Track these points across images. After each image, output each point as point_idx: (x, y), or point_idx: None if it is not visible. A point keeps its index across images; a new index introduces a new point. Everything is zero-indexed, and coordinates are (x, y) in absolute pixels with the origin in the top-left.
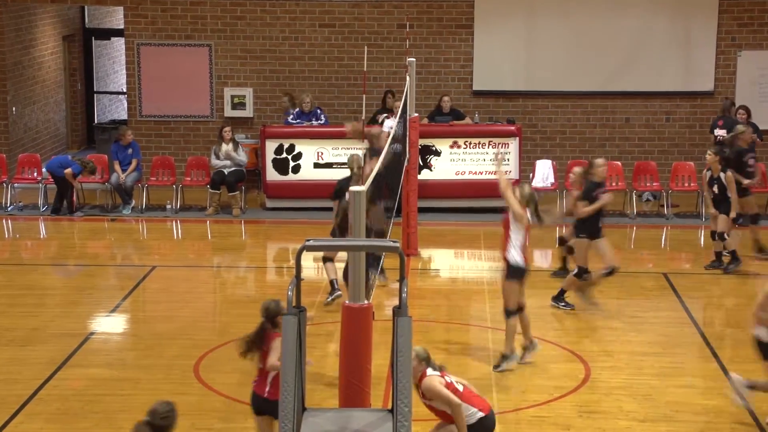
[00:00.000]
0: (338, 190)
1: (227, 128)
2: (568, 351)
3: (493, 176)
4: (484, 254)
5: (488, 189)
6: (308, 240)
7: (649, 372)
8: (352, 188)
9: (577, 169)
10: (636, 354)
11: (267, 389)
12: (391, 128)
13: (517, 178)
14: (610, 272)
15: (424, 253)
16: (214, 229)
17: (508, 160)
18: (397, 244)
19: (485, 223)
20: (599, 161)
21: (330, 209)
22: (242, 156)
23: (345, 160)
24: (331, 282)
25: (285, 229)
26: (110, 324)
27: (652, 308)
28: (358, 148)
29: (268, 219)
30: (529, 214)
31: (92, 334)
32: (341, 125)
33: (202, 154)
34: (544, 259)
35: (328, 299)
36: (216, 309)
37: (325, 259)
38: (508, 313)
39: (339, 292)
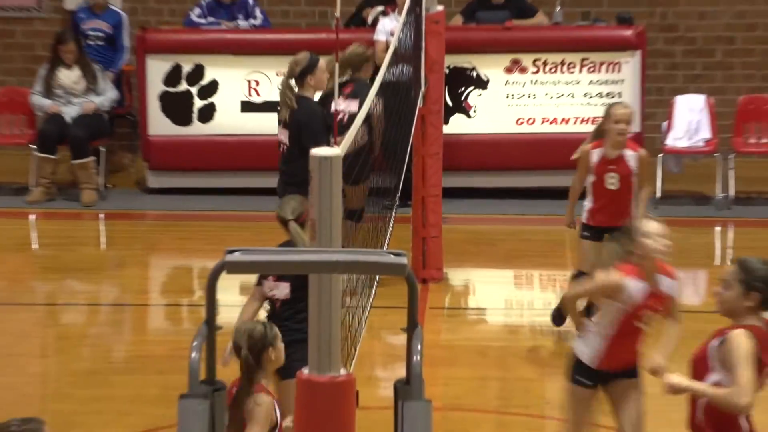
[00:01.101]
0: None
1: (69, 42)
2: None
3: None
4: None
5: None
6: (229, 252)
7: None
8: (315, 151)
9: None
10: None
11: None
12: (391, 34)
13: (639, 130)
14: None
15: (454, 276)
16: (44, 230)
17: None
18: (404, 260)
19: (576, 220)
20: None
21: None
22: (102, 90)
23: None
24: None
25: (184, 231)
26: None
27: None
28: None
29: (151, 211)
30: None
31: None
32: (298, 29)
33: (21, 85)
34: None
35: None
36: (46, 387)
37: None
38: None
39: None
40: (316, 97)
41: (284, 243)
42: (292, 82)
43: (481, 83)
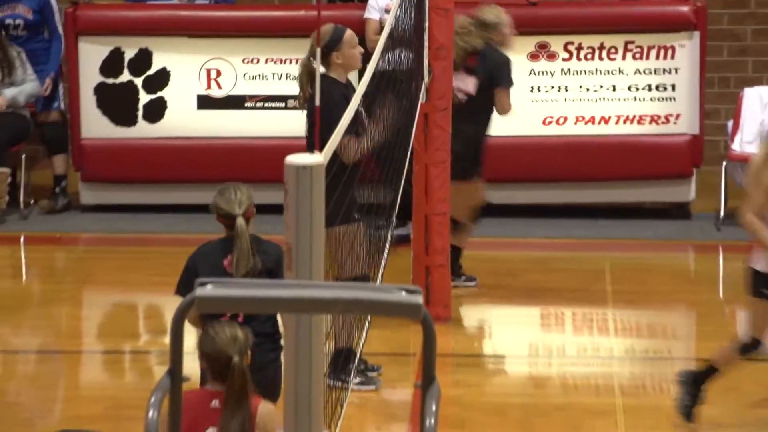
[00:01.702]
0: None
1: None
2: None
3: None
4: (617, 321)
5: (629, 161)
6: (201, 285)
7: None
8: (291, 159)
9: None
10: None
11: None
12: (386, 11)
13: (696, 132)
14: None
15: (466, 314)
16: None
17: (672, 90)
18: (419, 299)
19: (618, 244)
20: None
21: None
22: (23, 82)
23: (282, 88)
24: None
25: (126, 259)
26: None
27: None
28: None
29: (84, 234)
30: None
31: None
32: (269, 5)
33: None
34: None
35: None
36: None
37: None
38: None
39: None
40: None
41: (223, 240)
42: (315, 63)
43: None
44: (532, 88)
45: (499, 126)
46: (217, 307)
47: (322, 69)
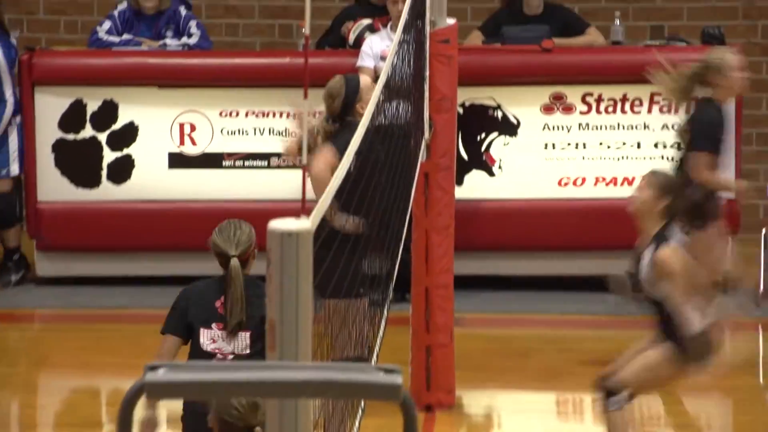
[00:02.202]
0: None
1: None
2: None
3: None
4: (643, 408)
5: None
6: (150, 369)
7: None
8: (275, 224)
9: None
10: None
11: None
12: (382, 59)
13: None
14: None
15: (471, 400)
16: None
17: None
18: (398, 379)
19: (643, 321)
20: None
21: None
22: None
23: (265, 144)
24: None
25: (87, 338)
26: None
27: None
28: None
29: (40, 310)
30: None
31: None
32: (250, 51)
33: None
34: None
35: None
36: None
37: None
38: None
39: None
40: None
41: (219, 279)
42: (331, 124)
43: (509, 127)
44: (546, 144)
45: (509, 187)
46: (171, 394)
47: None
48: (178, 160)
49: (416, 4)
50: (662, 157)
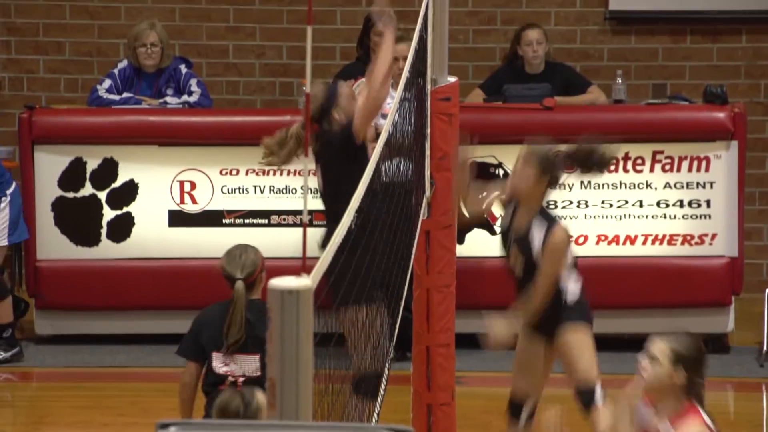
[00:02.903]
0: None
1: None
2: None
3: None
4: None
5: (658, 286)
6: (162, 427)
7: None
8: (275, 282)
9: None
10: None
11: None
12: (383, 117)
13: (736, 255)
14: None
15: None
16: None
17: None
18: None
19: None
20: None
21: None
22: None
23: (265, 202)
24: None
25: (87, 397)
26: None
27: None
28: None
29: (38, 369)
30: None
31: None
32: (250, 109)
33: None
34: None
35: None
36: None
37: None
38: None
39: None
40: None
41: (228, 303)
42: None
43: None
44: (547, 203)
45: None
46: None
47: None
48: (178, 218)
49: (417, 63)
50: (664, 216)
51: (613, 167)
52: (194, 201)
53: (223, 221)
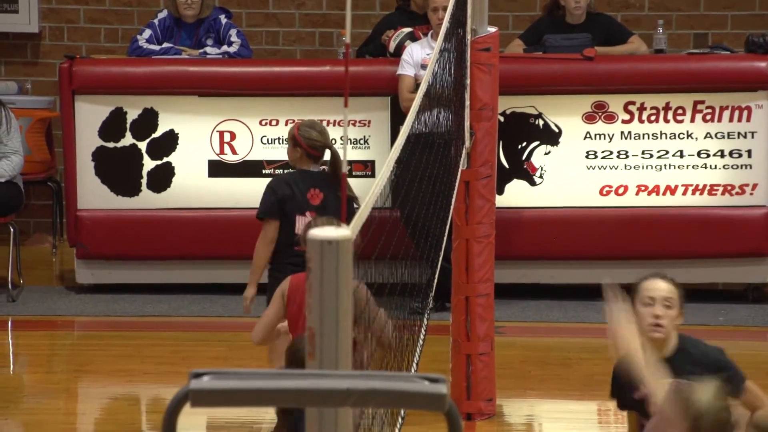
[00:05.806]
0: (277, 200)
1: None
2: None
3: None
4: None
5: (698, 236)
6: (195, 377)
7: None
8: (315, 232)
9: None
10: None
11: None
12: (423, 67)
13: None
14: None
15: (511, 410)
16: None
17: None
18: (442, 388)
19: (685, 330)
20: None
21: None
22: (10, 151)
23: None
24: None
25: (127, 346)
26: None
27: None
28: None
29: (80, 317)
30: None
31: None
32: (290, 60)
33: None
34: None
35: None
36: None
37: None
38: None
39: None
40: None
41: (304, 173)
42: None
43: (551, 136)
44: (588, 153)
45: (550, 195)
46: (215, 402)
47: None
48: (217, 169)
49: (457, 13)
50: (705, 166)
51: (653, 117)
52: (234, 151)
53: (263, 171)
